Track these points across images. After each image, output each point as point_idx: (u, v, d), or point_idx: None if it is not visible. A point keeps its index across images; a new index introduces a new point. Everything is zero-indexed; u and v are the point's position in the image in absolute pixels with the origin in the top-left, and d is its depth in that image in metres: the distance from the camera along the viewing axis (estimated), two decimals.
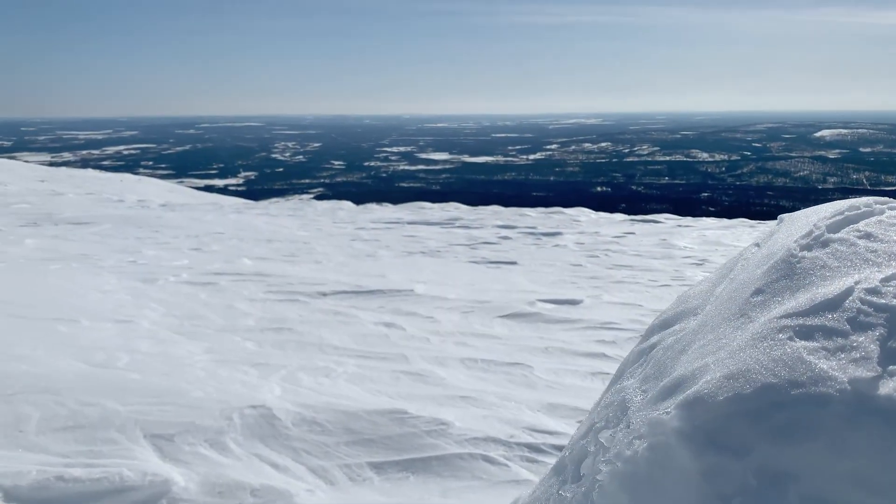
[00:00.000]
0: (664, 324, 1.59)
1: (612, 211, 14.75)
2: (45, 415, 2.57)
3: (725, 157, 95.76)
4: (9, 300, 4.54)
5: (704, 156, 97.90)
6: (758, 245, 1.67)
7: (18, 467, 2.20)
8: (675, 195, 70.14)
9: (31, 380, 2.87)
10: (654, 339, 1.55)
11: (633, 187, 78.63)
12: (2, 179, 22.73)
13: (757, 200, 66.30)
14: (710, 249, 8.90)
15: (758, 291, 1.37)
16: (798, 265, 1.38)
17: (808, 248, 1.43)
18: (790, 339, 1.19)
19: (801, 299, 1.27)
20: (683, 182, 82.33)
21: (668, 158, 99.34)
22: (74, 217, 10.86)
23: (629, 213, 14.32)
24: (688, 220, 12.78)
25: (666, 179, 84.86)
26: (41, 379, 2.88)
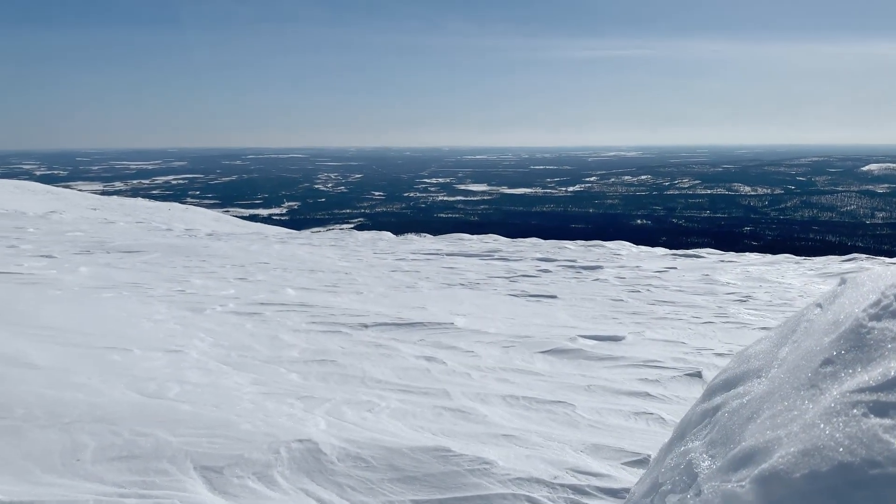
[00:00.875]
0: (727, 384, 1.58)
1: (652, 244, 14.60)
2: (101, 444, 2.65)
3: (769, 191, 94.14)
4: (66, 328, 4.70)
5: (747, 189, 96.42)
6: (820, 307, 1.65)
7: (76, 496, 2.28)
8: (716, 229, 69.10)
9: (88, 408, 2.96)
10: (717, 399, 1.54)
11: (674, 220, 77.73)
12: (57, 208, 23.58)
13: (802, 235, 64.87)
14: (754, 286, 8.74)
15: (827, 362, 1.36)
16: (868, 336, 1.35)
17: (878, 318, 1.39)
18: (864, 415, 1.16)
19: (874, 373, 1.24)
20: (725, 216, 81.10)
21: (709, 192, 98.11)
22: (125, 245, 11.19)
23: (670, 247, 14.16)
24: (730, 255, 12.58)
25: (707, 213, 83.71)
26: (97, 408, 2.97)
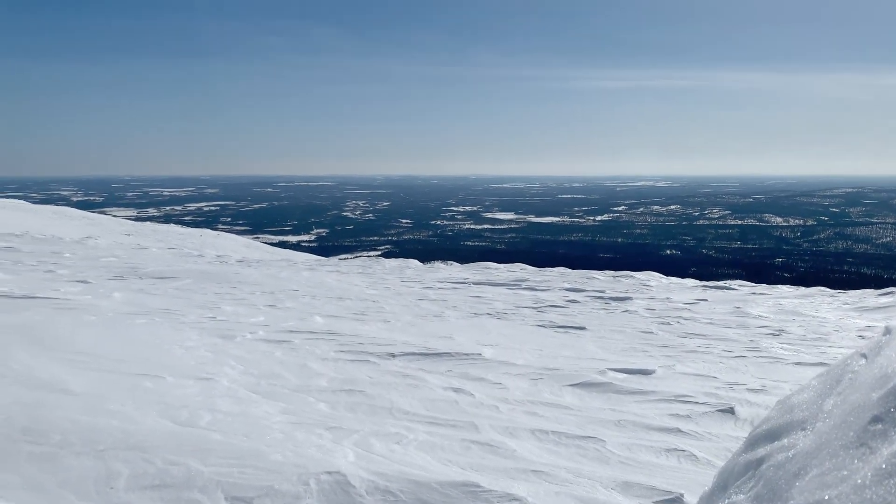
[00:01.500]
0: (771, 434, 1.56)
1: (682, 275, 14.45)
2: (135, 472, 2.68)
3: (801, 222, 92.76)
4: (100, 354, 4.78)
5: (778, 220, 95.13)
6: (865, 357, 1.63)
7: None
8: (747, 260, 68.12)
9: (121, 436, 3.00)
10: (761, 451, 1.51)
11: (704, 251, 76.82)
12: (93, 233, 24.10)
13: (836, 267, 63.63)
14: (787, 319, 8.58)
15: (876, 419, 1.33)
16: None
17: None
18: None
19: None
20: (756, 247, 79.96)
21: (740, 222, 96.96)
22: (158, 271, 11.37)
23: (700, 278, 14.00)
24: (762, 287, 12.38)
25: (738, 244, 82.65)
26: (130, 435, 3.01)
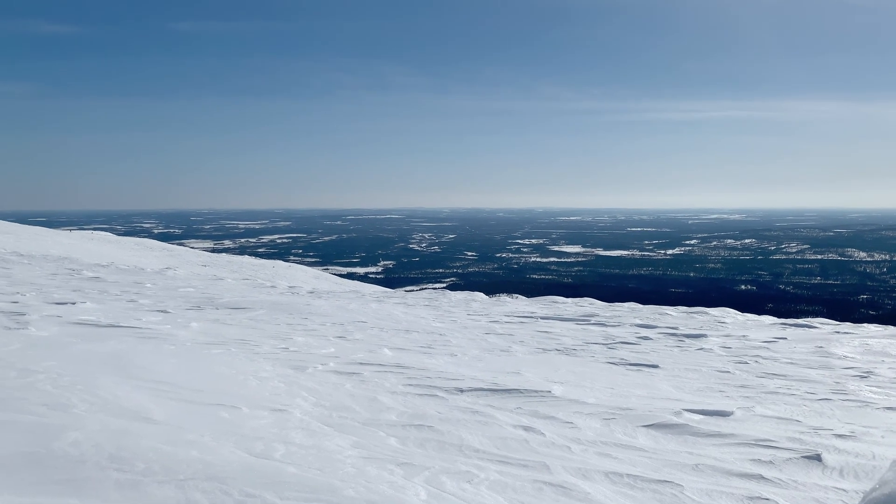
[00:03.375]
0: (890, 500, 1.48)
1: (759, 312, 13.92)
2: (213, 502, 2.74)
3: (887, 257, 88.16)
4: (180, 383, 4.95)
5: (862, 255, 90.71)
6: None
7: None
8: (828, 296, 65.09)
9: (201, 466, 3.09)
10: None
11: (782, 287, 73.88)
12: (172, 264, 25.13)
13: None
14: (875, 360, 8.12)
15: None
16: None
17: None
18: None
19: None
20: (838, 283, 76.34)
21: (820, 257, 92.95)
22: (233, 302, 11.73)
23: (778, 315, 13.45)
24: (846, 325, 11.77)
25: (818, 279, 79.13)
26: (209, 466, 3.09)
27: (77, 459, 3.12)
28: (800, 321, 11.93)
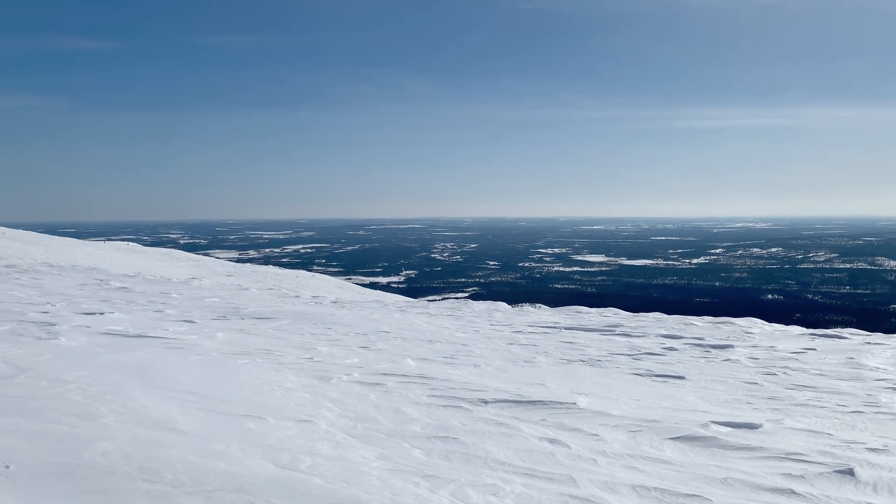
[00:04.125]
0: None
1: (786, 322, 13.71)
2: None
3: None
4: (206, 394, 4.99)
5: (892, 264, 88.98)
6: None
7: None
8: (858, 306, 63.90)
9: (228, 477, 3.11)
10: None
11: (810, 296, 72.67)
12: (197, 274, 25.41)
13: None
14: None
15: None
16: None
17: None
18: None
19: None
20: (868, 292, 74.91)
21: (849, 266, 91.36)
22: (258, 312, 11.82)
23: (805, 325, 13.24)
24: (878, 336, 11.54)
25: (847, 289, 77.74)
26: (236, 477, 3.11)
27: (107, 470, 3.16)
28: (829, 332, 11.72)
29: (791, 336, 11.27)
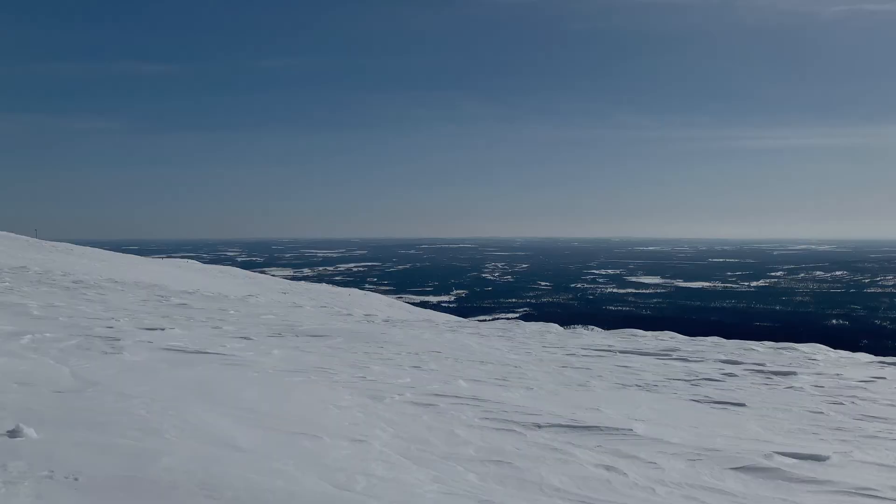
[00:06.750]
0: None
1: (852, 349, 13.17)
2: None
3: None
4: (263, 411, 5.08)
5: None
6: None
7: None
8: None
9: (286, 496, 3.15)
10: None
11: (878, 322, 69.61)
12: (253, 291, 25.95)
13: None
14: None
15: None
16: None
17: None
18: None
19: None
20: None
21: None
22: (312, 329, 11.99)
23: (874, 352, 12.68)
24: None
25: None
26: (293, 496, 3.15)
27: (170, 485, 3.23)
28: None
29: (859, 364, 10.81)
